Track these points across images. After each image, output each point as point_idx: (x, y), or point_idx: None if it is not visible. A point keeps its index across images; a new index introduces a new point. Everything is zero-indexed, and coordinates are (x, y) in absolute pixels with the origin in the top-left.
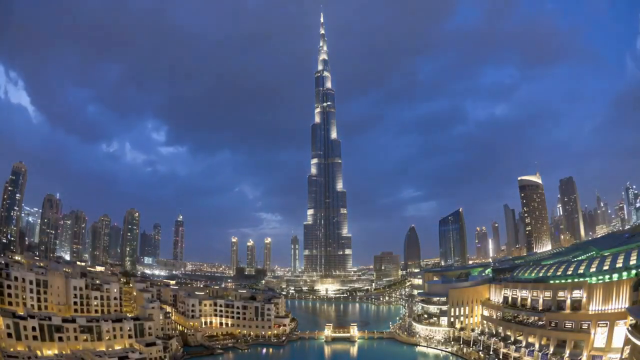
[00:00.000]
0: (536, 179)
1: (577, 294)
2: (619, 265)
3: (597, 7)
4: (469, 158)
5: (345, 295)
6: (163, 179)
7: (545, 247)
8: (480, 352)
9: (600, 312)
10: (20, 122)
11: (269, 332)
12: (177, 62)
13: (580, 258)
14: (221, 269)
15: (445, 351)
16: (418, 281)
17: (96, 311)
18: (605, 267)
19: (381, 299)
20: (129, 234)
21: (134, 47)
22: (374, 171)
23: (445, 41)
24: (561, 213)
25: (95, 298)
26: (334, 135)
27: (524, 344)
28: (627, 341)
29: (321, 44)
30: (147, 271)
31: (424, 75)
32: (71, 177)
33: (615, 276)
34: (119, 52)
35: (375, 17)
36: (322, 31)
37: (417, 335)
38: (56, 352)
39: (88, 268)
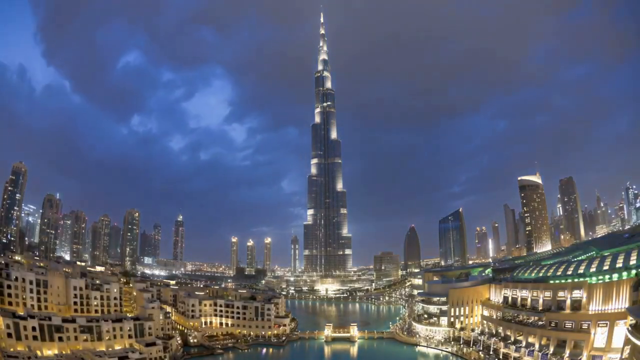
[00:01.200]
0: (536, 179)
1: (577, 294)
2: (619, 265)
3: None
4: (532, 150)
5: (345, 295)
6: (200, 169)
7: (545, 247)
8: (480, 352)
9: (600, 312)
10: (20, 87)
11: (269, 332)
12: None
13: (580, 258)
14: (221, 269)
15: (445, 351)
16: (418, 281)
17: (96, 311)
18: (605, 267)
19: (381, 299)
20: (129, 234)
21: None
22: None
23: (560, 31)
24: (561, 213)
25: (95, 298)
26: (334, 135)
27: (524, 344)
28: (627, 341)
29: (321, 43)
30: (147, 271)
31: (531, 61)
32: (85, 167)
33: (615, 276)
34: None
35: None
36: (322, 31)
37: (417, 335)
38: (56, 352)
39: (88, 268)
